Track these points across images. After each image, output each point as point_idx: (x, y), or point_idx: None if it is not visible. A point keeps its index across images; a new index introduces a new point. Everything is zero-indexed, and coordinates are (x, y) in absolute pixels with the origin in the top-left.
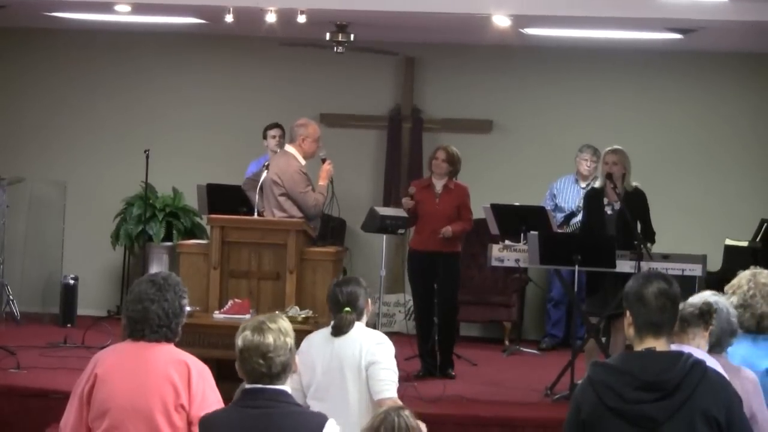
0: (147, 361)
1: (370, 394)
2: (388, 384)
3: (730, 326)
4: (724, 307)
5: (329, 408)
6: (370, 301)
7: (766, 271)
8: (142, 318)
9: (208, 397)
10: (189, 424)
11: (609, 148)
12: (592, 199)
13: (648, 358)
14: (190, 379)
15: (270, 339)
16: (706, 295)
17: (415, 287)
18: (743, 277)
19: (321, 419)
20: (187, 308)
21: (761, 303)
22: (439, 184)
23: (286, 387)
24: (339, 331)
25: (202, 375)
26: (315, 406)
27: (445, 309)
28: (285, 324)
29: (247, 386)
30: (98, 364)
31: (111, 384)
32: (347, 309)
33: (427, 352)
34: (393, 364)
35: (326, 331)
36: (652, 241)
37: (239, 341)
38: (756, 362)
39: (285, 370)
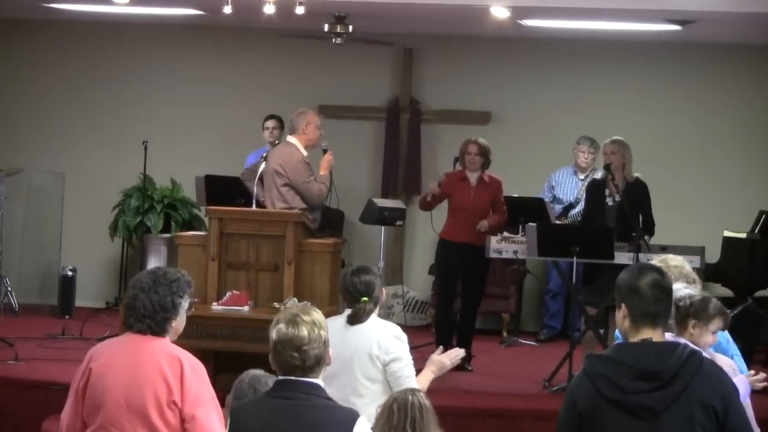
0: (141, 355)
1: (383, 384)
2: (411, 378)
3: None
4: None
5: (334, 393)
6: (384, 290)
7: (671, 255)
8: (131, 305)
9: (202, 394)
10: (182, 421)
11: (608, 140)
12: (594, 190)
13: (644, 349)
14: (183, 375)
15: (304, 332)
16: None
17: (441, 278)
18: None
19: (353, 414)
20: (184, 308)
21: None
22: (473, 177)
23: (319, 380)
24: (356, 320)
25: (196, 371)
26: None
27: (470, 301)
28: (318, 316)
29: (280, 377)
30: (93, 359)
31: (105, 379)
32: (365, 299)
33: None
34: (410, 356)
35: (341, 319)
36: (651, 233)
37: (273, 334)
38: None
39: (318, 362)
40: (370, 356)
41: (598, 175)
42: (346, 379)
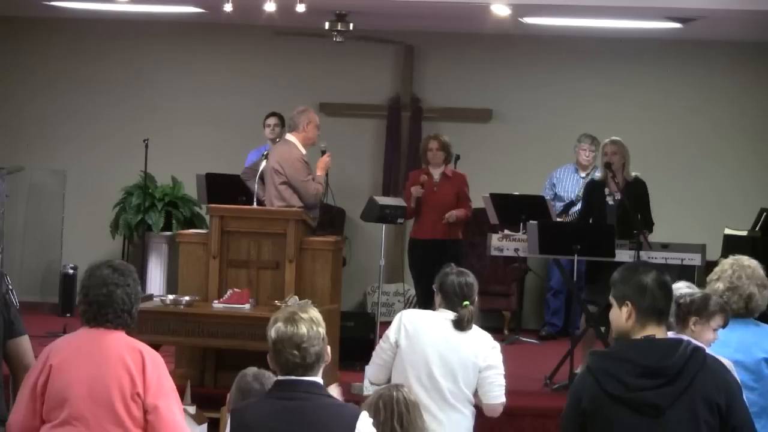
0: (103, 348)
1: (471, 393)
2: (502, 389)
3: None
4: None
5: (425, 397)
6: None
7: (745, 257)
8: (107, 302)
9: (164, 385)
10: (144, 412)
11: (607, 140)
12: (594, 191)
13: (648, 346)
14: (144, 366)
15: (303, 329)
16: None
17: (416, 277)
18: (725, 263)
19: (355, 412)
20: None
21: (747, 283)
22: (436, 173)
23: (319, 378)
24: (463, 326)
25: (156, 363)
26: (417, 390)
27: None
28: (316, 314)
29: (281, 377)
30: (51, 355)
31: (67, 374)
32: (466, 303)
33: None
34: (503, 366)
35: (444, 321)
36: (650, 231)
37: (272, 333)
38: (752, 350)
39: (318, 360)
40: (474, 366)
41: (598, 175)
42: (439, 381)
